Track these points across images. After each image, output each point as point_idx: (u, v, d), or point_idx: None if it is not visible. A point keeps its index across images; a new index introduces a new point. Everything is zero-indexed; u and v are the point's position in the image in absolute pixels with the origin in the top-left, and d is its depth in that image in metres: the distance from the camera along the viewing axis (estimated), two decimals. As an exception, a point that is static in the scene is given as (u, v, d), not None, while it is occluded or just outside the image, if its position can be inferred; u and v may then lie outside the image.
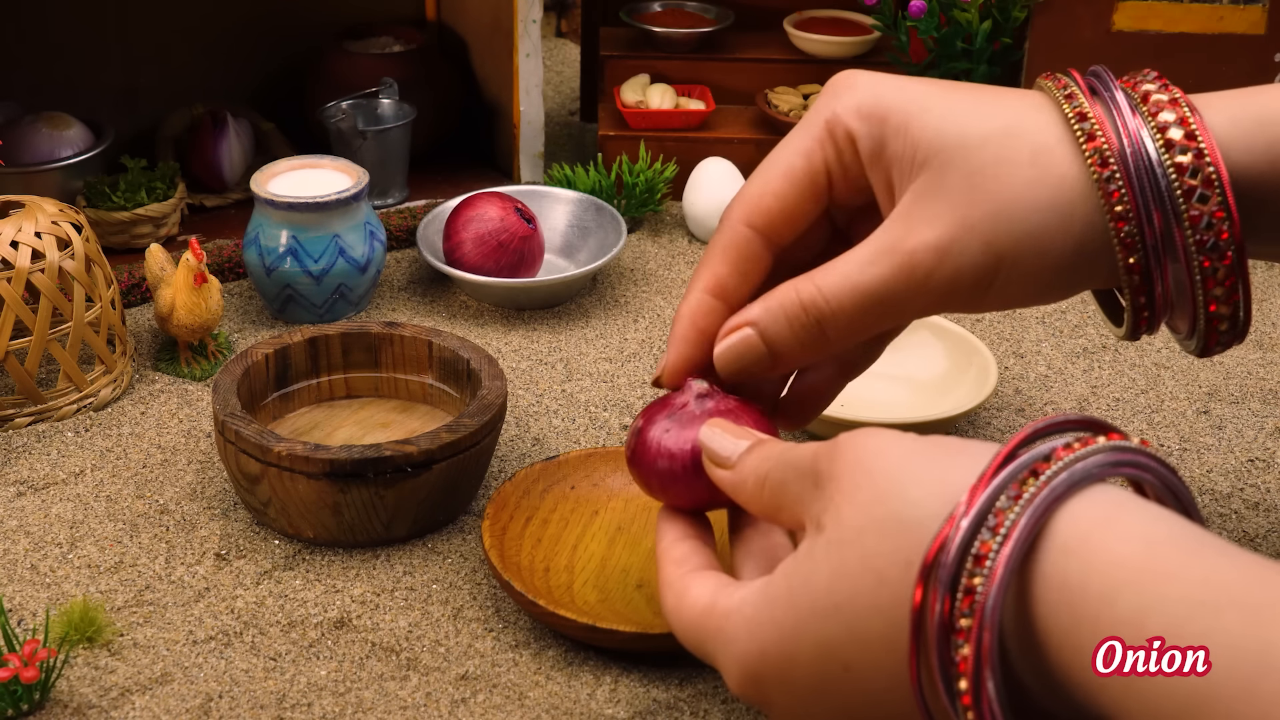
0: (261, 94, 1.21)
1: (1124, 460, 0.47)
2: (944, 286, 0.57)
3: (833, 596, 0.49)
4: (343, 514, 0.75)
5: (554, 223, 1.09)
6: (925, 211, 0.56)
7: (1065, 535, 0.44)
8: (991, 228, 0.55)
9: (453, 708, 0.67)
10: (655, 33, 1.23)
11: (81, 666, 0.69)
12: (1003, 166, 0.56)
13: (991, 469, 0.46)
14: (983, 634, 0.44)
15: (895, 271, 0.57)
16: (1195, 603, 0.40)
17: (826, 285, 0.58)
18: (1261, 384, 0.95)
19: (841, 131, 0.59)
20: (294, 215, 0.96)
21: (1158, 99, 0.56)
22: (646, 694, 0.68)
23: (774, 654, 0.51)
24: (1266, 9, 1.15)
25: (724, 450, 0.58)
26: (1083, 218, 0.55)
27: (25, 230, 0.85)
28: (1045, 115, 0.57)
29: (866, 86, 0.59)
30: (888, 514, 0.48)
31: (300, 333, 0.85)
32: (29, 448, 0.85)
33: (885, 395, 0.90)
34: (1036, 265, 0.56)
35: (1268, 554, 0.78)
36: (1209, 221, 0.54)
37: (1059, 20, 1.16)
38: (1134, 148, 0.55)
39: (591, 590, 0.73)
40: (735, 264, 0.62)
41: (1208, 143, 0.55)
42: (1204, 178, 0.54)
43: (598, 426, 0.89)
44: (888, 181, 0.59)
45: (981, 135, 0.56)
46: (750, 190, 0.62)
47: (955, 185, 0.56)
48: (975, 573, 0.44)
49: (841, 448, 0.51)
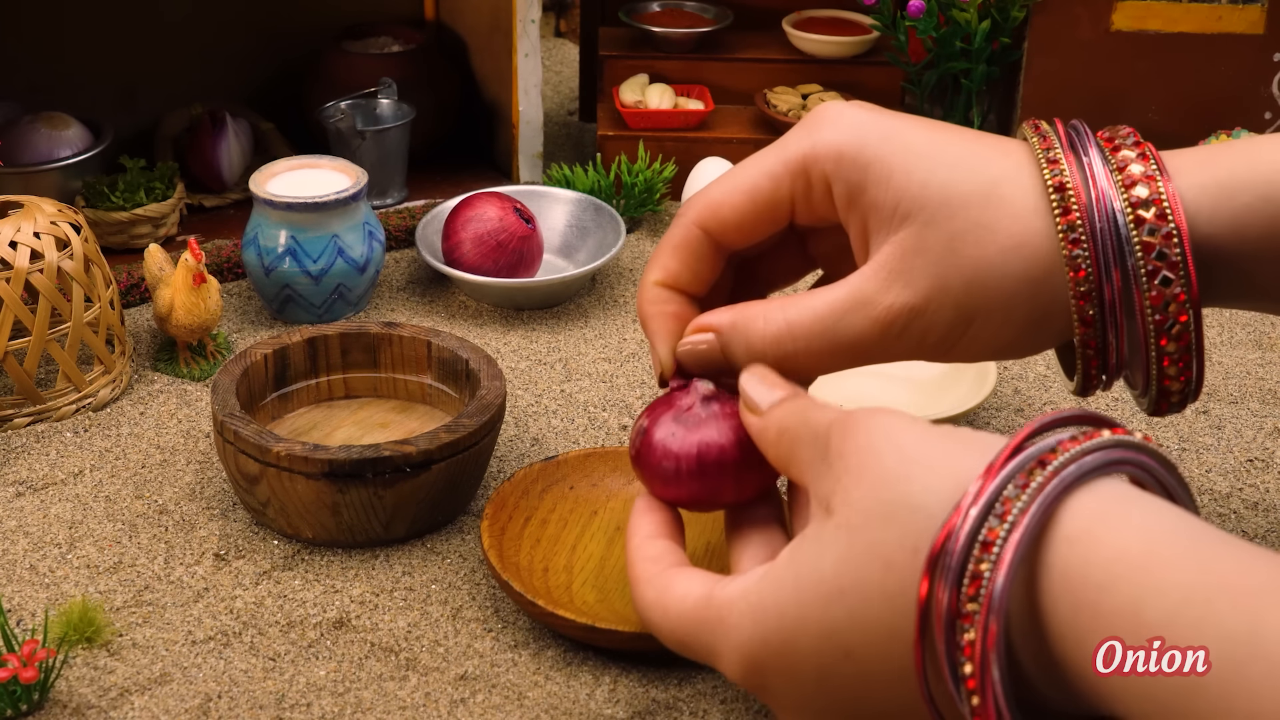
0: (261, 94, 1.21)
1: (1128, 457, 0.48)
2: (912, 341, 0.59)
3: (838, 580, 0.49)
4: (342, 514, 0.75)
5: (553, 223, 1.09)
6: (905, 270, 0.58)
7: (1069, 526, 0.45)
8: (965, 292, 0.57)
9: (452, 708, 0.67)
10: (654, 33, 1.23)
11: (80, 666, 0.69)
12: (982, 232, 0.57)
13: (1001, 459, 0.47)
14: (989, 619, 0.44)
15: (869, 325, 0.58)
16: (1189, 591, 0.41)
17: (797, 324, 0.60)
18: (1261, 384, 0.95)
19: (817, 171, 0.60)
20: (293, 215, 0.96)
21: (1126, 154, 0.57)
22: (646, 694, 0.68)
23: (776, 639, 0.51)
24: (1265, 9, 1.15)
25: (758, 396, 0.59)
26: (1051, 288, 0.57)
27: (24, 230, 0.85)
28: (1025, 178, 0.58)
29: (850, 126, 0.60)
30: (896, 499, 0.48)
31: (299, 333, 0.85)
32: (28, 448, 0.85)
33: (885, 395, 0.90)
34: (1001, 327, 0.58)
35: (1267, 554, 0.78)
36: (1165, 278, 0.55)
37: (1058, 20, 1.16)
38: (1104, 222, 0.56)
39: (590, 590, 0.73)
40: (685, 261, 0.63)
41: (1172, 204, 0.55)
42: (1164, 235, 0.55)
43: (597, 426, 0.89)
44: (864, 228, 0.60)
45: (965, 196, 0.57)
46: (710, 195, 0.62)
47: (935, 245, 0.57)
48: (983, 559, 0.45)
49: (854, 426, 0.52)
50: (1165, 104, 1.19)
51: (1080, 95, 1.19)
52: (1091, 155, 0.57)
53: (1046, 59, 1.18)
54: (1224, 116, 1.19)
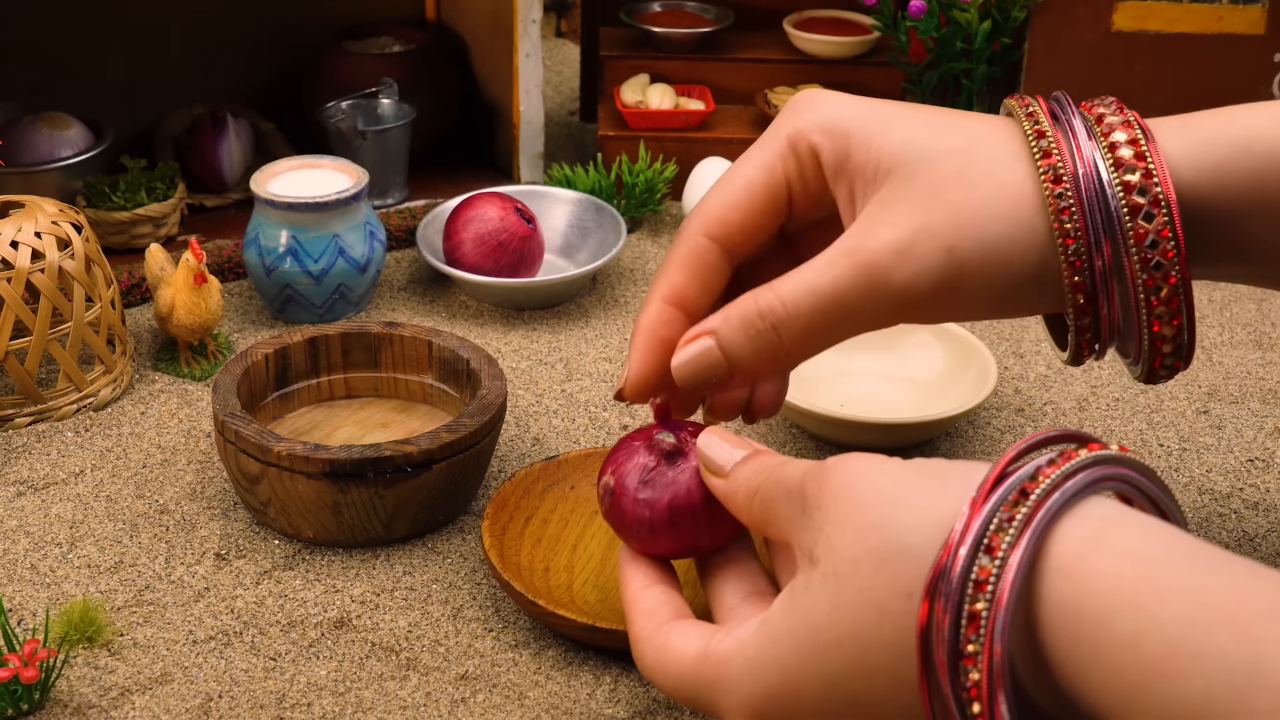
0: (261, 94, 1.21)
1: (1109, 474, 0.47)
2: (902, 289, 0.57)
3: (834, 631, 0.49)
4: (342, 514, 0.75)
5: (554, 223, 1.09)
6: (887, 216, 0.57)
7: (1059, 556, 0.44)
8: (953, 233, 0.56)
9: (452, 707, 0.67)
10: (655, 33, 1.23)
11: (81, 666, 0.69)
12: (965, 178, 0.57)
13: (983, 492, 0.46)
14: (993, 659, 0.44)
15: (855, 272, 0.57)
16: (1188, 621, 0.40)
17: (785, 290, 0.58)
18: (1261, 384, 0.95)
19: (804, 146, 0.60)
20: (294, 215, 0.96)
21: (1111, 121, 0.57)
22: (646, 694, 0.68)
23: (779, 693, 0.51)
24: (1266, 9, 1.15)
25: (719, 458, 0.58)
26: (1042, 234, 0.56)
27: (25, 230, 0.85)
28: (1006, 133, 0.58)
29: (829, 104, 0.60)
30: (882, 543, 0.48)
31: (300, 333, 0.85)
32: (29, 448, 0.85)
33: (885, 395, 0.90)
34: (998, 276, 0.57)
35: (1267, 553, 0.78)
36: (1154, 240, 0.55)
37: (1058, 20, 1.16)
38: (1086, 169, 0.56)
39: (591, 590, 0.73)
40: (694, 274, 0.62)
41: (1157, 163, 0.56)
42: (1151, 197, 0.55)
43: (597, 426, 0.89)
44: (850, 193, 0.59)
45: (945, 149, 0.58)
46: (710, 202, 0.62)
47: (917, 192, 0.57)
48: (977, 598, 0.44)
49: (829, 475, 0.51)
50: (1165, 104, 1.18)
51: (1081, 95, 1.18)
52: (1072, 115, 0.58)
53: (1047, 59, 1.18)
54: (1224, 117, 1.19)
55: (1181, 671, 0.40)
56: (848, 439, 0.85)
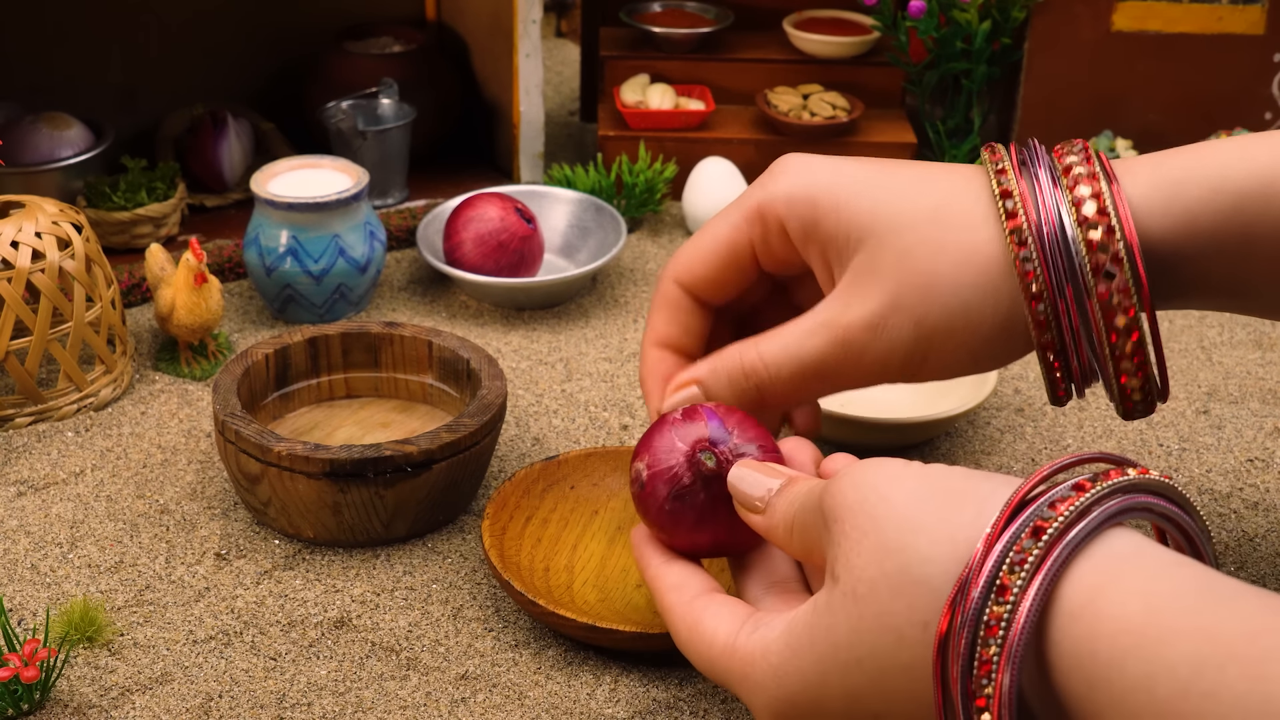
0: (262, 94, 1.21)
1: (1128, 505, 0.47)
2: (877, 361, 0.61)
3: (854, 651, 0.50)
4: (343, 514, 0.75)
5: (554, 223, 1.09)
6: (860, 290, 0.60)
7: (1071, 600, 0.45)
8: (921, 305, 0.59)
9: (453, 707, 0.67)
10: (655, 33, 1.23)
11: (81, 666, 0.69)
12: (931, 245, 0.59)
13: (998, 528, 0.47)
14: (1002, 706, 0.45)
15: (831, 346, 0.61)
16: (1199, 661, 0.41)
17: (768, 353, 0.63)
18: (1261, 384, 0.95)
19: (771, 216, 0.63)
20: (294, 215, 0.96)
21: (1078, 172, 0.58)
22: (646, 694, 0.68)
23: (803, 701, 0.52)
24: (1266, 9, 1.15)
25: (754, 493, 0.58)
26: (1009, 294, 0.58)
27: (25, 230, 0.85)
28: (974, 193, 0.60)
29: (799, 172, 0.63)
30: (898, 569, 0.48)
31: (300, 333, 0.85)
32: (29, 448, 0.85)
33: (885, 395, 0.90)
34: (966, 339, 0.59)
35: (1266, 553, 0.78)
36: (1116, 298, 0.57)
37: (1058, 20, 1.16)
38: (1050, 226, 0.57)
39: (591, 590, 0.73)
40: (672, 318, 0.67)
41: (1122, 216, 0.57)
42: (1113, 253, 0.56)
43: (598, 426, 0.89)
44: (824, 259, 0.62)
45: (912, 215, 0.60)
46: (683, 252, 0.66)
47: (887, 265, 0.59)
48: (989, 642, 0.45)
49: (842, 484, 0.52)
50: (1165, 104, 1.19)
51: (1080, 96, 1.19)
52: (1039, 166, 0.59)
53: (1047, 59, 1.18)
54: (1224, 116, 1.19)
55: (1195, 711, 0.40)
56: (849, 438, 0.85)
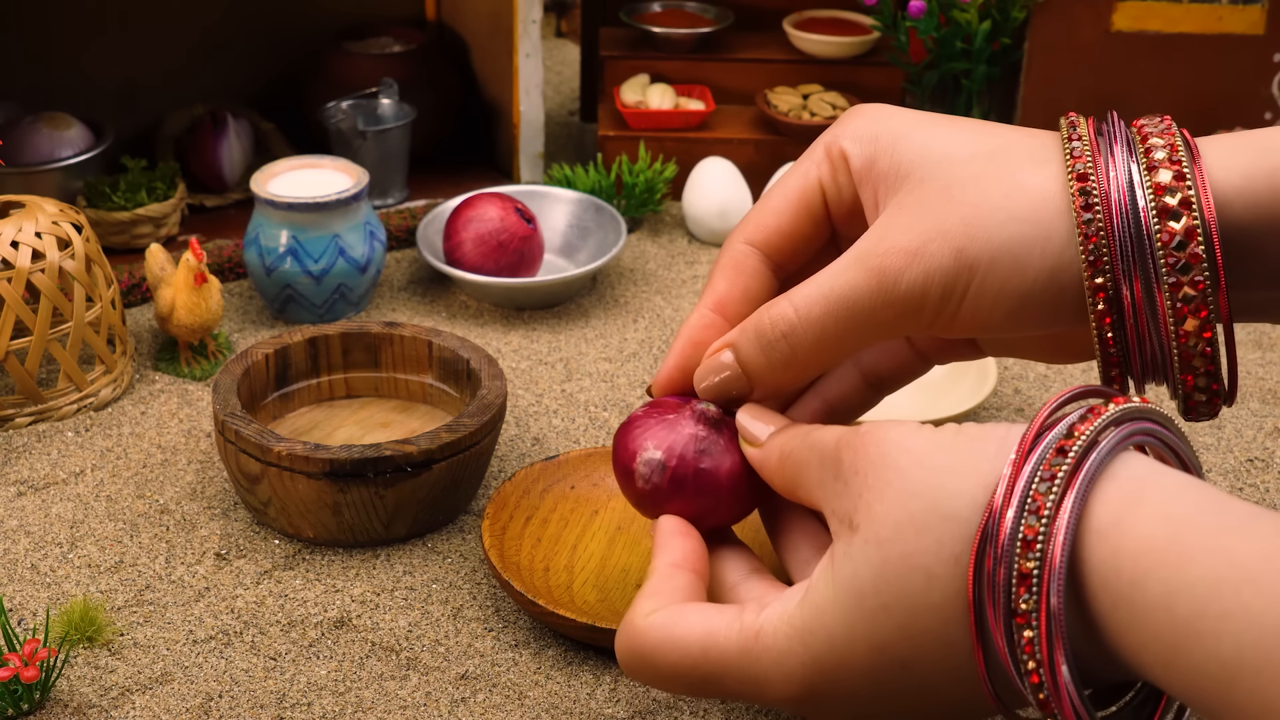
0: (262, 94, 1.21)
1: (1135, 430, 0.49)
2: (913, 294, 0.55)
3: (880, 597, 0.49)
4: (342, 514, 0.75)
5: (554, 223, 1.09)
6: (900, 219, 0.56)
7: (1099, 519, 0.46)
8: (964, 233, 0.54)
9: (453, 707, 0.67)
10: (655, 33, 1.23)
11: (81, 666, 0.69)
12: (982, 179, 0.55)
13: (1022, 453, 0.47)
14: (1050, 616, 0.45)
15: (866, 276, 0.56)
16: (1216, 581, 0.42)
17: (798, 297, 0.58)
18: (1261, 384, 0.95)
19: (836, 151, 0.60)
20: (294, 215, 0.96)
21: (1155, 142, 0.54)
22: (646, 693, 0.68)
23: (828, 661, 0.51)
24: (1266, 9, 1.15)
25: (755, 430, 0.59)
26: (1061, 238, 0.53)
27: (25, 230, 0.85)
28: (1040, 141, 0.56)
29: (870, 112, 0.60)
30: (925, 508, 0.48)
31: (300, 333, 0.85)
32: (29, 448, 0.85)
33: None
34: (1010, 279, 0.54)
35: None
36: (1187, 293, 0.52)
37: (1058, 20, 1.16)
38: (1120, 187, 0.53)
39: (591, 590, 0.73)
40: (734, 280, 0.62)
41: (1205, 205, 0.52)
42: (1191, 251, 0.52)
43: (597, 426, 0.89)
44: (874, 198, 0.59)
45: (966, 153, 0.56)
46: (753, 212, 0.63)
47: (932, 194, 0.56)
48: (1028, 557, 0.46)
49: (865, 440, 0.52)
50: (1165, 104, 1.19)
51: (1080, 96, 1.19)
52: (1117, 143, 0.54)
53: (1047, 59, 1.18)
54: (1224, 116, 1.19)
55: (1212, 631, 0.42)
56: (848, 439, 0.85)
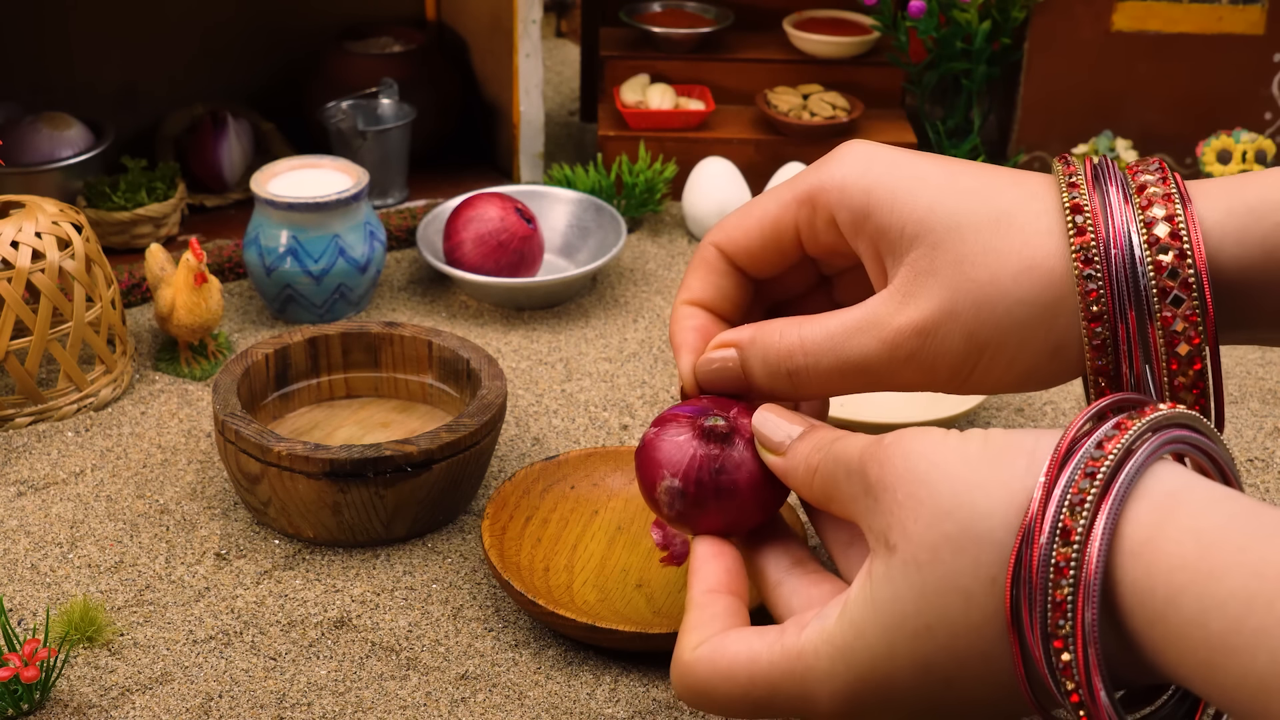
0: (262, 94, 1.21)
1: (1167, 439, 0.49)
2: (922, 367, 0.58)
3: (922, 618, 0.50)
4: (343, 514, 0.75)
5: (554, 223, 1.09)
6: (914, 291, 0.58)
7: (1131, 539, 0.46)
8: (975, 317, 0.56)
9: (453, 707, 0.67)
10: (655, 33, 1.23)
11: (81, 666, 0.69)
12: (993, 256, 0.56)
13: (1051, 474, 0.48)
14: (1086, 641, 0.46)
15: (878, 345, 0.58)
16: (1249, 596, 0.43)
17: (810, 340, 0.60)
18: (1261, 384, 0.95)
19: (821, 202, 0.61)
20: (294, 215, 0.96)
21: (1152, 193, 0.56)
22: (646, 694, 0.68)
23: (873, 679, 0.52)
24: (1266, 9, 1.15)
25: (776, 436, 0.59)
26: (1066, 314, 0.56)
27: (25, 230, 0.85)
28: (1041, 203, 0.57)
29: (858, 160, 0.60)
30: (958, 529, 0.49)
31: (300, 333, 0.85)
32: (29, 447, 0.85)
33: (885, 396, 0.90)
34: (1016, 356, 0.57)
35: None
36: (1179, 325, 0.55)
37: (1058, 20, 1.16)
38: (1119, 247, 0.55)
39: (591, 590, 0.73)
40: (707, 279, 0.64)
41: (1194, 241, 0.54)
42: (1182, 280, 0.54)
43: (598, 426, 0.89)
44: (875, 251, 0.60)
45: (974, 219, 0.57)
46: (729, 219, 0.64)
47: (944, 268, 0.57)
48: (1060, 584, 0.46)
49: (890, 453, 0.52)
50: (1165, 104, 1.19)
51: (1080, 95, 1.19)
52: (1113, 184, 0.56)
53: (1047, 59, 1.18)
54: (1224, 117, 1.19)
55: (1247, 647, 0.42)
56: (847, 439, 0.85)
